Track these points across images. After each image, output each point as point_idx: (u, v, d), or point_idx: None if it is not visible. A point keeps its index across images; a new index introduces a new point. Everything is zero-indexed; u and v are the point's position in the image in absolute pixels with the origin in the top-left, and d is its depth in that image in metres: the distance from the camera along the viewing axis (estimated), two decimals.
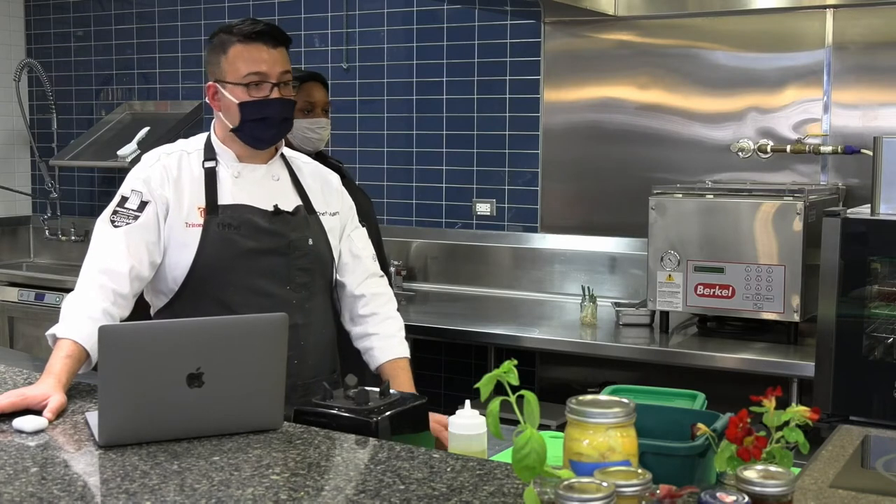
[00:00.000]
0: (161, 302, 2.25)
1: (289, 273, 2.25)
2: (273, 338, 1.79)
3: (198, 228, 2.19)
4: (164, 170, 2.22)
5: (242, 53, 2.20)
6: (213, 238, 2.19)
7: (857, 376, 2.70)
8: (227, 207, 2.21)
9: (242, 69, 2.19)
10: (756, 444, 1.34)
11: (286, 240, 2.24)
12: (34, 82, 5.35)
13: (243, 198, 2.24)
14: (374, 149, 4.41)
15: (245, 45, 2.20)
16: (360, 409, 1.84)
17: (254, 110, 2.20)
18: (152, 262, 2.18)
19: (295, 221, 2.27)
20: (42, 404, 1.88)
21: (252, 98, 2.20)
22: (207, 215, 2.20)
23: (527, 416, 1.29)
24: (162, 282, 2.23)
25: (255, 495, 1.46)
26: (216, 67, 2.24)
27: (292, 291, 2.25)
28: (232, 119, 2.23)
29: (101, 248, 2.16)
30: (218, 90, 2.24)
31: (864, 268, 2.71)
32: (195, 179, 2.23)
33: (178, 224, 2.19)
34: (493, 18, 4.08)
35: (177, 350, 1.72)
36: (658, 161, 3.77)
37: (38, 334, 4.42)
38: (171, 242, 2.19)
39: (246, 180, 2.26)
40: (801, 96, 3.53)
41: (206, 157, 2.26)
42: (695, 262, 3.22)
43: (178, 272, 2.20)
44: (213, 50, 2.25)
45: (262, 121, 2.22)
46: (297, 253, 2.26)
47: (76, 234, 5.23)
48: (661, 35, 3.78)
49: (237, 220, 2.20)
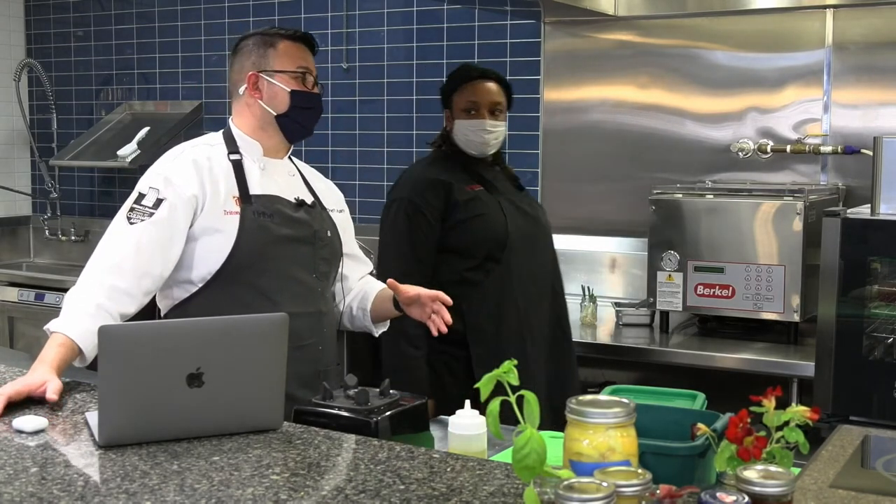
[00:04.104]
0: (185, 293, 2.26)
1: (314, 262, 2.34)
2: (273, 338, 1.79)
3: (235, 216, 2.24)
4: (193, 163, 2.26)
5: (291, 49, 2.35)
6: (250, 225, 2.24)
7: (857, 376, 2.70)
8: (259, 197, 2.28)
9: (294, 61, 2.34)
10: (756, 444, 1.34)
11: (311, 229, 2.34)
12: (34, 82, 5.35)
13: (272, 188, 2.32)
14: (374, 149, 4.41)
15: (293, 43, 2.36)
16: (360, 409, 1.84)
17: (304, 99, 2.34)
18: (167, 258, 2.20)
19: (315, 214, 2.37)
20: (41, 390, 1.91)
21: (303, 88, 2.34)
22: (242, 204, 2.26)
23: (527, 416, 1.29)
24: (192, 271, 2.24)
25: (255, 495, 1.46)
26: (262, 59, 2.33)
27: (317, 280, 2.35)
28: (278, 106, 2.32)
29: (108, 243, 2.19)
30: (261, 79, 2.33)
31: (864, 268, 2.71)
32: (225, 170, 2.29)
33: (215, 211, 2.23)
34: (493, 18, 4.08)
35: (177, 350, 1.72)
36: (658, 161, 3.77)
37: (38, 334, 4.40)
38: (205, 231, 2.22)
39: (271, 173, 2.35)
40: (801, 96, 3.53)
41: (229, 150, 2.33)
42: (695, 262, 3.22)
43: (214, 259, 2.23)
44: (256, 44, 2.36)
45: (309, 109, 2.36)
46: (321, 243, 2.36)
47: (76, 234, 5.23)
48: (661, 35, 3.78)
49: (270, 209, 2.28)
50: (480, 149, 2.89)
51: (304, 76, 2.34)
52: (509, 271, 2.83)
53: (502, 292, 2.82)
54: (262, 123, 2.34)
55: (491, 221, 2.83)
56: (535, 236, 2.91)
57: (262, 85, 2.32)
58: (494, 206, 2.85)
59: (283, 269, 2.27)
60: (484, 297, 2.81)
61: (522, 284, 2.85)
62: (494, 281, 2.82)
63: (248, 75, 2.33)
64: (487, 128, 2.86)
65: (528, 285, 2.86)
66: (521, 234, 2.86)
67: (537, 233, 2.93)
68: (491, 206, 2.85)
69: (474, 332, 2.79)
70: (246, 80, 2.33)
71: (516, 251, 2.84)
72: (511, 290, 2.83)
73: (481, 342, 2.78)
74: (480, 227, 2.83)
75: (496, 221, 2.84)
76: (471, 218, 2.82)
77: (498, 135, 2.90)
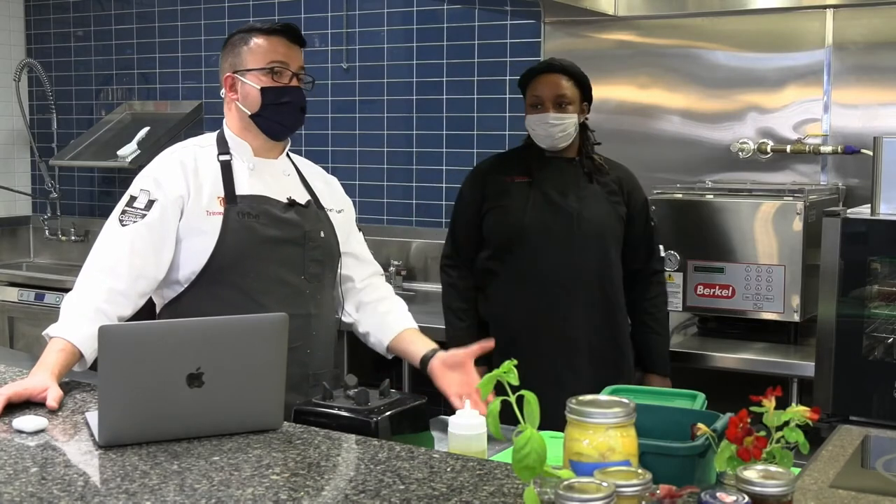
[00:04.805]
0: (173, 293, 2.26)
1: (303, 263, 2.29)
2: (273, 338, 1.79)
3: (218, 216, 2.22)
4: (179, 163, 2.26)
5: (264, 44, 2.29)
6: (233, 225, 2.22)
7: (857, 376, 2.70)
8: (245, 197, 2.26)
9: (265, 57, 2.28)
10: (756, 444, 1.34)
11: (301, 230, 2.30)
12: (34, 82, 5.35)
13: (260, 188, 2.29)
14: (374, 149, 4.41)
15: (267, 38, 2.29)
16: (360, 409, 1.84)
17: (275, 94, 2.27)
18: (160, 259, 2.20)
19: (308, 214, 2.33)
20: (42, 395, 1.90)
21: (274, 83, 2.27)
22: (227, 204, 2.24)
23: (527, 416, 1.29)
24: (178, 271, 2.24)
25: (255, 495, 1.46)
26: (236, 59, 2.30)
27: (306, 281, 2.30)
28: (251, 105, 2.28)
29: (102, 246, 2.19)
30: (236, 80, 2.30)
31: (864, 268, 2.71)
32: (212, 171, 2.27)
33: (198, 212, 2.22)
34: (493, 18, 4.08)
35: (177, 350, 1.72)
36: (658, 161, 3.77)
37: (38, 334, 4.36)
38: (189, 232, 2.22)
39: (261, 173, 2.32)
40: (801, 96, 3.53)
41: (220, 150, 2.31)
42: (695, 262, 3.22)
43: (198, 260, 2.22)
44: (233, 45, 2.32)
45: (283, 105, 2.28)
46: (311, 244, 2.31)
47: (76, 234, 5.23)
48: (661, 35, 3.78)
49: (256, 209, 2.25)
50: (547, 142, 2.86)
51: (277, 71, 2.27)
52: (524, 264, 2.84)
53: (515, 283, 2.86)
54: (245, 124, 2.31)
55: (508, 213, 2.86)
56: (564, 233, 2.83)
57: (238, 85, 2.30)
58: (521, 199, 2.86)
59: (269, 271, 2.24)
60: (498, 287, 2.90)
61: (542, 279, 2.83)
62: (509, 271, 2.87)
63: (224, 77, 2.32)
64: (550, 121, 2.82)
65: (550, 280, 2.83)
66: (541, 228, 2.83)
67: (572, 230, 2.83)
68: (517, 197, 2.86)
69: (490, 319, 2.92)
70: (223, 82, 2.33)
71: (533, 245, 2.83)
72: (524, 283, 2.85)
73: (494, 330, 2.85)
74: (497, 218, 2.88)
75: (513, 213, 2.85)
76: (493, 209, 2.89)
77: (565, 126, 2.83)
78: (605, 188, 2.91)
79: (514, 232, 2.85)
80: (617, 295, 2.90)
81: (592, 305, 2.86)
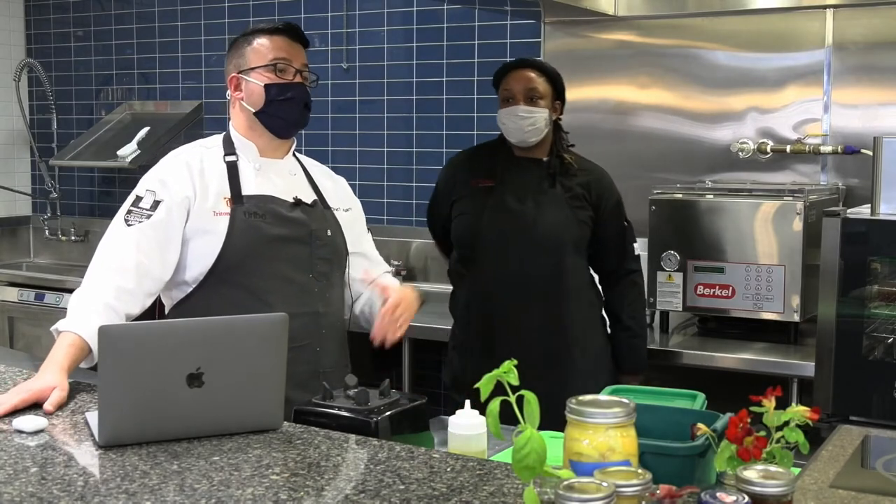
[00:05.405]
0: (182, 293, 2.27)
1: (311, 262, 2.31)
2: (273, 338, 1.79)
3: (225, 217, 2.24)
4: (185, 164, 2.28)
5: (267, 42, 2.33)
6: (240, 225, 2.24)
7: (857, 376, 2.70)
8: (252, 197, 2.28)
9: (268, 54, 2.31)
10: (756, 444, 1.34)
11: (308, 229, 2.32)
12: (34, 82, 5.35)
13: (266, 188, 2.31)
14: (374, 149, 4.41)
15: (270, 37, 2.33)
16: (360, 409, 1.84)
17: (278, 90, 2.30)
18: (165, 259, 2.21)
19: (314, 213, 2.35)
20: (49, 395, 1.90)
21: (278, 79, 2.30)
22: (233, 205, 2.25)
23: (527, 416, 1.29)
24: (186, 272, 2.25)
25: (255, 495, 1.46)
26: (240, 59, 2.33)
27: (314, 280, 2.32)
28: (255, 102, 2.31)
29: (108, 246, 2.20)
30: (241, 79, 2.33)
31: (864, 268, 2.71)
32: (218, 172, 2.29)
33: (204, 213, 2.23)
34: (493, 18, 4.08)
35: (177, 350, 1.72)
36: (658, 161, 3.77)
37: (38, 334, 4.42)
38: (196, 233, 2.23)
39: (267, 173, 2.34)
40: (801, 96, 3.53)
41: (226, 151, 2.33)
42: (695, 262, 3.22)
43: (205, 260, 2.23)
44: (236, 46, 2.36)
45: (287, 101, 2.31)
46: (318, 243, 2.33)
47: (76, 234, 5.23)
48: (661, 35, 3.78)
49: (262, 208, 2.27)
50: (517, 135, 2.85)
51: (281, 68, 2.30)
52: (481, 269, 2.88)
53: (475, 287, 2.91)
54: (250, 123, 2.34)
55: (468, 219, 2.90)
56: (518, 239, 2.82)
57: (242, 85, 2.33)
58: (480, 205, 2.87)
59: (276, 270, 2.26)
60: (462, 288, 2.98)
61: (495, 283, 2.85)
62: (469, 275, 2.93)
63: (230, 78, 2.35)
64: (520, 113, 2.81)
65: (504, 284, 2.83)
66: (496, 234, 2.84)
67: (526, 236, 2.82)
68: (478, 203, 2.88)
69: (455, 318, 3.01)
70: (229, 83, 2.36)
71: (487, 251, 2.85)
72: (481, 287, 2.88)
73: (456, 333, 3.00)
74: (458, 224, 2.94)
75: (472, 219, 2.88)
76: (457, 215, 2.94)
77: (535, 120, 2.81)
78: (569, 192, 2.87)
79: (471, 238, 2.89)
80: (571, 302, 2.85)
81: (543, 311, 2.84)
